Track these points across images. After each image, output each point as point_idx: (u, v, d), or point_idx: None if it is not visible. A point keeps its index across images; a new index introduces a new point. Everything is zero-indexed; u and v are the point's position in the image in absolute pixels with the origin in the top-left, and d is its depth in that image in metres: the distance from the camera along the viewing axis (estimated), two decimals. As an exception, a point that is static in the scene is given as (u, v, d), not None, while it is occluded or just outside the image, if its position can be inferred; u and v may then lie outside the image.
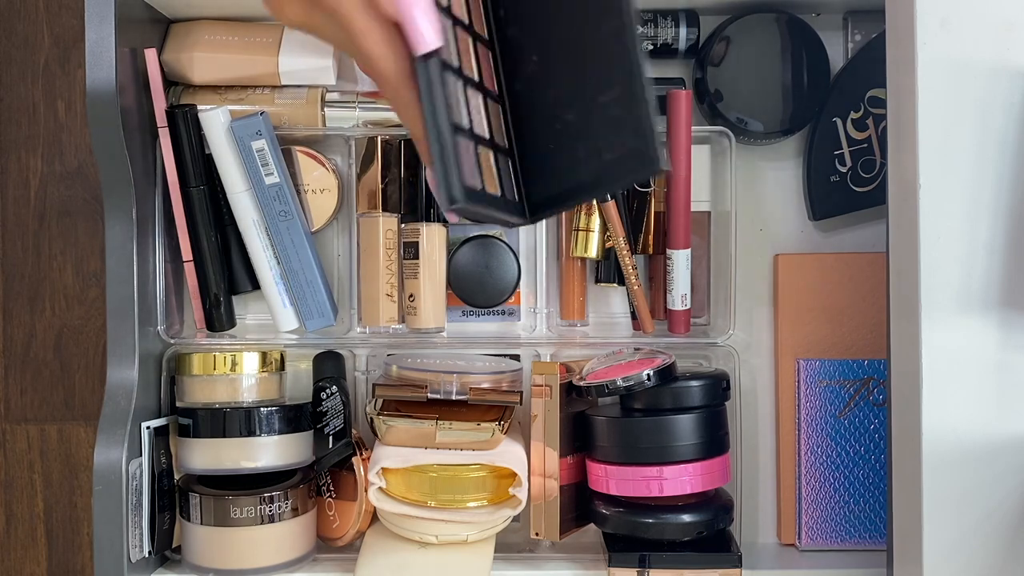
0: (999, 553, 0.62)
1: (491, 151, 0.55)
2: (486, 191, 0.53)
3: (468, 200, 0.50)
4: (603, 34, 0.54)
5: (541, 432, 0.76)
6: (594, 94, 0.54)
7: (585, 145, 0.55)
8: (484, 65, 0.56)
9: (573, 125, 0.55)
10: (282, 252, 0.77)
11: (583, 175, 0.55)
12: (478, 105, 0.55)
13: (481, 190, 0.52)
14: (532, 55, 0.57)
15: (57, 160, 0.90)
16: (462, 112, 0.52)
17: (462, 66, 0.54)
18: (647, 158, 0.52)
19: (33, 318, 0.91)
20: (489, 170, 0.54)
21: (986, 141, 0.61)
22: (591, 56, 0.54)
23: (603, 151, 0.54)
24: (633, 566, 0.74)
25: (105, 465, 0.71)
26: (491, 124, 0.55)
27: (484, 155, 0.54)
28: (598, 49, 0.54)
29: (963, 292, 0.62)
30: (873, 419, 0.79)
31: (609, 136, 0.53)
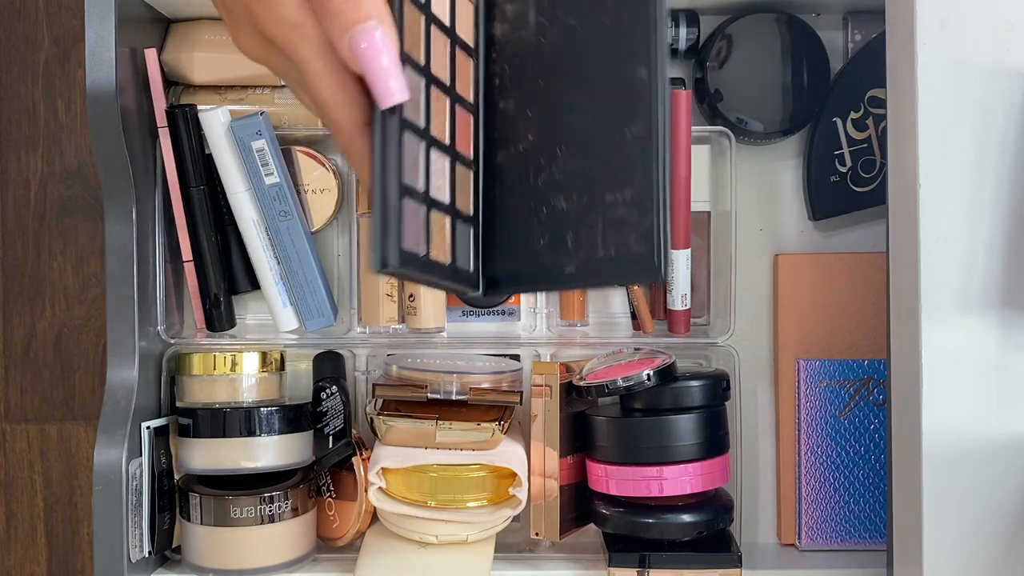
0: (999, 553, 0.62)
1: (448, 217, 0.53)
2: (430, 258, 0.50)
3: (402, 265, 0.48)
4: (626, 136, 0.52)
5: (541, 432, 0.76)
6: (601, 190, 0.52)
7: (575, 235, 0.52)
8: (461, 129, 0.54)
9: (565, 213, 0.53)
10: (282, 252, 0.77)
11: (564, 264, 0.52)
12: (443, 168, 0.53)
13: (424, 256, 0.50)
14: (528, 134, 0.55)
15: (57, 160, 0.90)
16: (418, 174, 0.51)
17: (430, 127, 0.52)
18: (650, 266, 0.49)
19: (33, 318, 0.91)
20: (441, 237, 0.52)
21: (986, 141, 0.61)
22: (606, 153, 0.52)
23: (597, 247, 0.51)
24: (633, 566, 0.74)
25: (105, 465, 0.71)
26: (455, 189, 0.53)
27: (438, 221, 0.52)
28: (616, 148, 0.52)
29: (963, 292, 0.61)
30: (873, 419, 0.79)
31: (609, 233, 0.51)
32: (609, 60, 0.53)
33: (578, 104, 0.54)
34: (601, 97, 0.53)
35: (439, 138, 0.53)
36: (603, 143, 0.52)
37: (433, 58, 0.53)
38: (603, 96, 0.53)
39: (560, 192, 0.53)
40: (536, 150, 0.54)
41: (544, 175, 0.54)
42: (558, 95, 0.54)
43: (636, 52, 0.52)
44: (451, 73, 0.54)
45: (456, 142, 0.54)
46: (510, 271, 0.55)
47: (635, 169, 0.51)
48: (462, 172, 0.54)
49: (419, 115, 0.51)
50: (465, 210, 0.54)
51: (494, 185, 0.55)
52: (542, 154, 0.54)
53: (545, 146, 0.54)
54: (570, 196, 0.53)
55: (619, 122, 0.52)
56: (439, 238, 0.52)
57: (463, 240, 0.54)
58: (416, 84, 0.51)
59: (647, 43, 0.52)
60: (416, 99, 0.51)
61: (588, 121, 0.53)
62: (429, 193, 0.51)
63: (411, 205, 0.50)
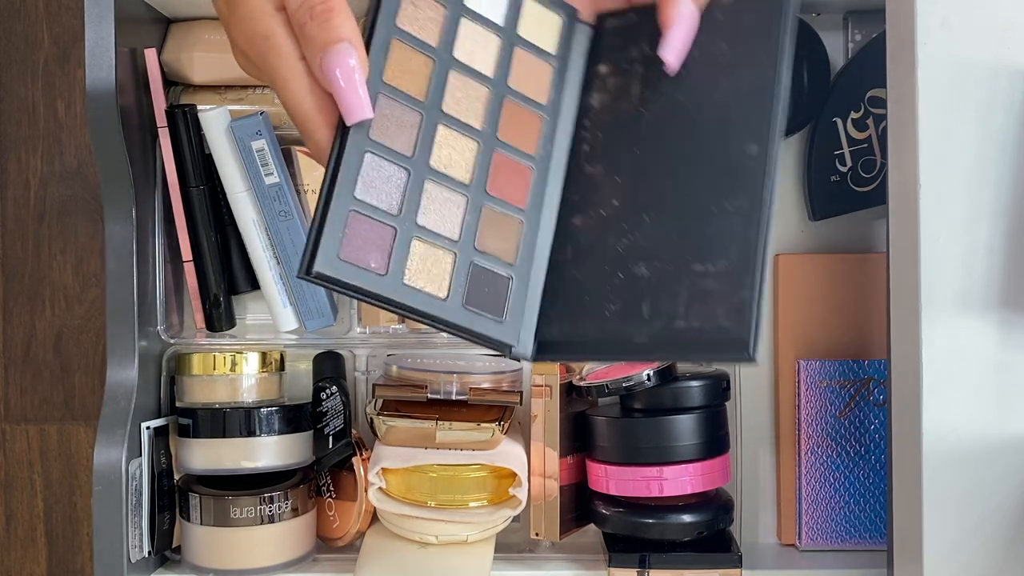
0: (999, 553, 0.62)
1: (452, 253, 0.52)
2: (405, 282, 0.50)
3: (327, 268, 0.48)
4: (725, 208, 0.50)
5: (541, 432, 0.76)
6: (690, 259, 0.50)
7: (653, 303, 0.50)
8: (504, 178, 0.54)
9: (644, 280, 0.51)
10: (282, 252, 0.77)
11: (635, 333, 0.50)
12: (446, 202, 0.52)
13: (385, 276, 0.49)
14: (613, 199, 0.54)
15: (57, 160, 0.90)
16: (387, 195, 0.50)
17: (426, 158, 0.52)
18: (737, 343, 0.47)
19: (33, 318, 0.91)
20: (433, 269, 0.51)
21: (986, 141, 0.61)
22: (700, 223, 0.51)
23: (677, 317, 0.49)
24: (633, 566, 0.74)
25: (105, 465, 0.71)
26: (481, 232, 0.53)
27: (427, 251, 0.51)
28: (712, 220, 0.50)
29: (963, 292, 0.61)
30: (873, 419, 0.79)
31: (694, 304, 0.48)
32: (715, 134, 0.52)
33: (674, 174, 0.53)
34: (701, 169, 0.52)
35: (445, 172, 0.53)
36: (698, 213, 0.51)
37: (448, 100, 0.53)
38: (704, 168, 0.52)
39: (642, 259, 0.51)
40: (620, 216, 0.53)
41: (626, 241, 0.52)
42: (653, 164, 0.54)
43: (749, 129, 0.51)
44: (488, 120, 0.54)
45: (489, 187, 0.54)
46: (568, 335, 0.52)
47: (732, 242, 0.49)
48: (501, 218, 0.54)
49: (407, 144, 0.52)
50: (502, 256, 0.53)
51: (565, 247, 0.54)
52: (626, 220, 0.53)
53: (631, 212, 0.53)
54: (652, 263, 0.51)
55: (719, 194, 0.51)
56: (430, 270, 0.51)
57: (496, 289, 0.53)
58: (408, 117, 0.52)
59: (764, 122, 0.51)
60: (408, 130, 0.51)
61: (683, 191, 0.52)
62: (411, 219, 0.51)
63: (364, 221, 0.50)
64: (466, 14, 0.55)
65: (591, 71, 0.57)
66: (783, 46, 0.53)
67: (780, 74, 0.52)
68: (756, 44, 0.53)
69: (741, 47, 0.53)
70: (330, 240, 0.48)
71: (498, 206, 0.54)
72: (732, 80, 0.53)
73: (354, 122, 0.46)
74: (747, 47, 0.53)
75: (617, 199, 0.54)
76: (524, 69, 0.56)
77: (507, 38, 0.56)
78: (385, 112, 0.51)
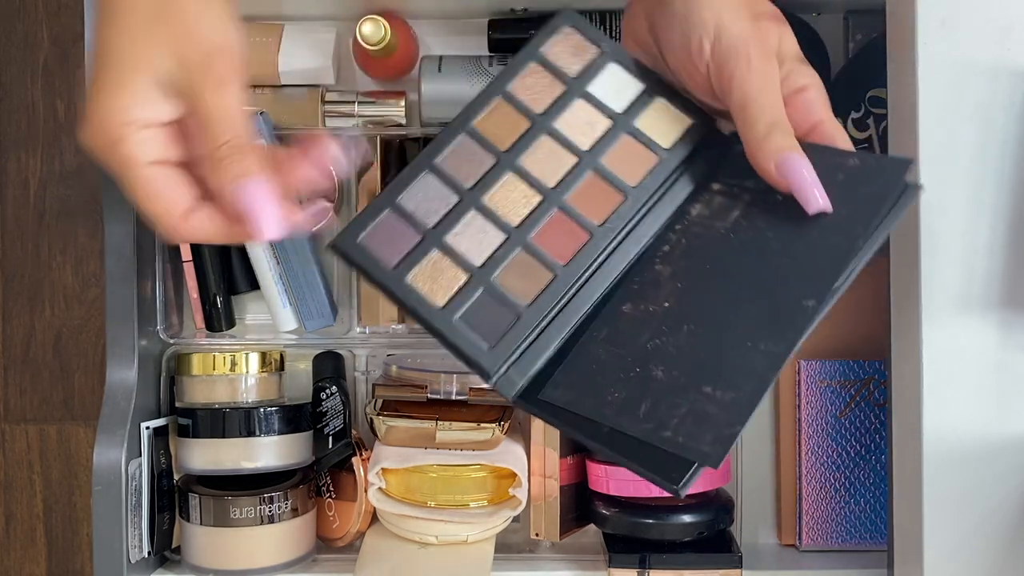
0: (1000, 553, 0.62)
1: (466, 274, 0.56)
2: (407, 281, 0.55)
3: (349, 253, 0.56)
4: (758, 346, 0.53)
5: (541, 432, 0.76)
6: (703, 380, 0.52)
7: (653, 405, 0.52)
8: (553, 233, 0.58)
9: (655, 382, 0.53)
10: (282, 252, 0.77)
11: (625, 424, 0.52)
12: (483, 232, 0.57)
13: (393, 270, 0.55)
14: (666, 300, 0.56)
15: (57, 160, 0.90)
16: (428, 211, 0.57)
17: (481, 194, 0.58)
18: (705, 462, 0.49)
19: (33, 318, 0.91)
20: (444, 281, 0.56)
21: (986, 141, 0.61)
22: (728, 351, 0.53)
23: (667, 427, 0.51)
24: (633, 567, 0.73)
25: (105, 465, 0.71)
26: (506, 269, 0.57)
27: (445, 266, 0.56)
28: (741, 352, 0.53)
29: (963, 292, 0.61)
30: (873, 419, 0.79)
31: (687, 421, 0.51)
32: (784, 278, 0.54)
33: (730, 299, 0.55)
34: (757, 304, 0.54)
35: (495, 211, 0.58)
36: (733, 342, 0.53)
37: (529, 157, 0.59)
38: (759, 304, 0.54)
39: (663, 363, 0.54)
40: (664, 317, 0.56)
41: (657, 341, 0.55)
42: (717, 284, 0.56)
43: (814, 284, 0.53)
44: (563, 183, 0.58)
45: (535, 236, 0.57)
46: (565, 403, 0.54)
47: (749, 377, 0.51)
48: (533, 265, 0.57)
49: (469, 177, 0.58)
50: (518, 295, 0.56)
51: (604, 327, 0.57)
52: (667, 323, 0.55)
53: (675, 318, 0.55)
54: (671, 371, 0.53)
55: (759, 332, 0.53)
56: (437, 279, 0.56)
57: (498, 320, 0.56)
58: (481, 158, 0.58)
59: (830, 283, 0.53)
60: (476, 167, 0.58)
61: (731, 318, 0.54)
62: (440, 235, 0.57)
63: (397, 222, 0.56)
64: (584, 97, 0.60)
65: (703, 184, 0.60)
66: (882, 227, 0.55)
67: (867, 248, 0.54)
68: (860, 213, 0.55)
69: (845, 210, 0.55)
70: (358, 226, 0.56)
71: (535, 254, 0.57)
72: (822, 235, 0.55)
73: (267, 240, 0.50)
74: (850, 212, 0.55)
75: (669, 302, 0.56)
76: (625, 152, 0.60)
77: (620, 124, 0.60)
78: (462, 148, 0.58)
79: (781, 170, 0.55)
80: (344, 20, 0.81)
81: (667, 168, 0.60)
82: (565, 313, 0.57)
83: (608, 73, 0.61)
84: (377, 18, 0.74)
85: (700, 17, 0.56)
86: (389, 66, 0.79)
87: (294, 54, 0.78)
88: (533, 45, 0.61)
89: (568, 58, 0.61)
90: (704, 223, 0.58)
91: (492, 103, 0.59)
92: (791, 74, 0.57)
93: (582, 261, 0.57)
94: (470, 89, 0.77)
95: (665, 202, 0.59)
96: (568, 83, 0.60)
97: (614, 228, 0.58)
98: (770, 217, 0.56)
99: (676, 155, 0.60)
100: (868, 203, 0.55)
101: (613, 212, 0.58)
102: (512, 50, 0.79)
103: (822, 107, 0.58)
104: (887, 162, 0.57)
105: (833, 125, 0.58)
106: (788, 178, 0.55)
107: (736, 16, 0.56)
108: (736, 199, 0.58)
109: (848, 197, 0.55)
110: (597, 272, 0.58)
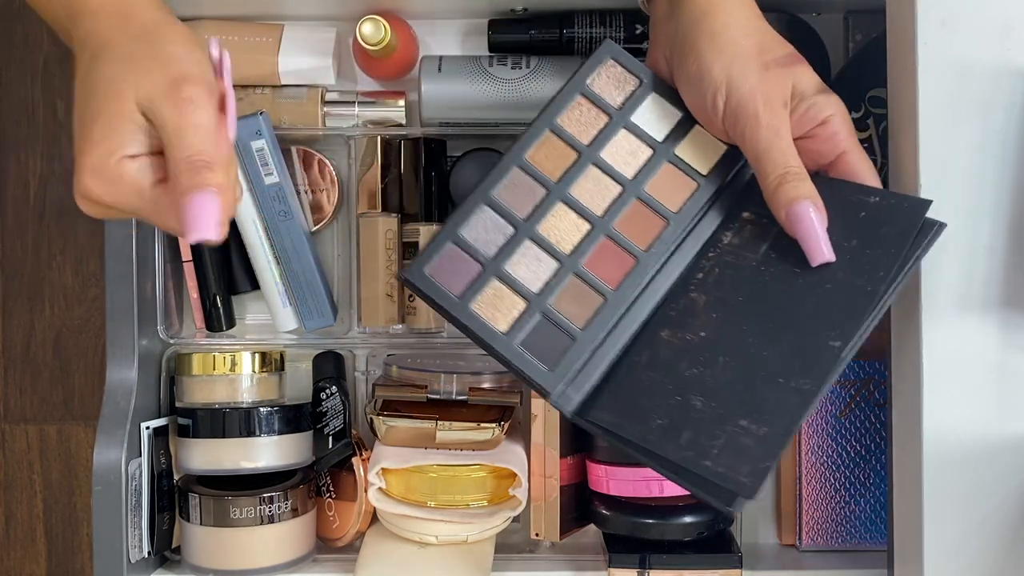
0: (1000, 553, 0.62)
1: (525, 302, 0.61)
2: (470, 306, 0.61)
3: (417, 284, 0.61)
4: (789, 383, 0.55)
5: (541, 432, 0.76)
6: (740, 412, 0.55)
7: (694, 435, 0.56)
8: (603, 259, 0.62)
9: (695, 411, 0.57)
10: (282, 252, 0.77)
11: (668, 451, 0.56)
12: (538, 261, 0.62)
13: (458, 298, 0.61)
14: (702, 330, 0.60)
15: (57, 160, 0.90)
16: (487, 244, 0.61)
17: (535, 224, 0.62)
18: (744, 494, 0.53)
19: (33, 318, 0.91)
20: (504, 308, 0.61)
21: (986, 141, 0.61)
22: (762, 386, 0.56)
23: (707, 456, 0.55)
24: (633, 567, 0.73)
25: (105, 465, 0.71)
26: (562, 295, 0.61)
27: (504, 294, 0.61)
28: (774, 387, 0.56)
29: (963, 292, 0.61)
30: (873, 419, 0.79)
31: (726, 452, 0.54)
32: (812, 317, 0.57)
33: (763, 336, 0.58)
34: (786, 341, 0.57)
35: (548, 240, 0.62)
36: (765, 378, 0.56)
37: (577, 187, 0.63)
38: (789, 342, 0.57)
39: (702, 393, 0.57)
40: (701, 348, 0.59)
41: (696, 371, 0.58)
42: (750, 319, 0.59)
43: (841, 325, 0.56)
44: (610, 212, 0.62)
45: (586, 263, 0.62)
46: (612, 426, 0.59)
47: (782, 414, 0.54)
48: (585, 291, 0.62)
49: (524, 208, 0.62)
50: (572, 319, 0.61)
51: (645, 351, 0.61)
52: (704, 354, 0.59)
53: (711, 350, 0.59)
54: (709, 401, 0.57)
55: (790, 369, 0.56)
56: (499, 307, 0.61)
57: (555, 343, 0.61)
58: (535, 190, 0.62)
59: (857, 325, 0.56)
60: (530, 198, 0.62)
61: (763, 353, 0.57)
62: (499, 265, 0.61)
63: (459, 254, 0.61)
64: (627, 127, 0.64)
65: (734, 211, 0.63)
66: (906, 270, 0.57)
67: (889, 290, 0.57)
68: (882, 253, 0.57)
69: (868, 251, 0.58)
70: (425, 258, 0.62)
71: (586, 280, 0.62)
72: (848, 275, 0.57)
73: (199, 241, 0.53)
74: (874, 253, 0.58)
75: (705, 332, 0.59)
76: (666, 179, 0.63)
77: (661, 153, 0.63)
78: (515, 181, 0.63)
79: (789, 219, 0.58)
80: (344, 20, 0.81)
81: (705, 194, 0.63)
82: (614, 335, 0.61)
83: (648, 103, 0.65)
84: (377, 18, 0.74)
85: (711, 76, 0.60)
86: (389, 66, 0.79)
87: (294, 54, 0.78)
88: (579, 78, 0.65)
89: (611, 90, 0.65)
90: (736, 252, 0.61)
91: (542, 136, 0.63)
92: (811, 108, 0.60)
93: (629, 285, 0.62)
94: (470, 89, 0.77)
95: (701, 227, 0.63)
96: (612, 114, 0.64)
97: (658, 253, 0.62)
98: (798, 253, 0.59)
99: (713, 181, 0.63)
100: (890, 245, 0.57)
101: (656, 238, 0.62)
102: (512, 50, 0.79)
103: (846, 137, 0.60)
104: (908, 201, 0.59)
105: (857, 155, 0.61)
106: (795, 228, 0.58)
107: (745, 71, 0.59)
108: (765, 230, 0.61)
109: (870, 237, 0.58)
110: (641, 296, 0.62)
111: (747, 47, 0.60)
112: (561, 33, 0.78)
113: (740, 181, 0.64)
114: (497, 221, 0.62)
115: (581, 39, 0.78)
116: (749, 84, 0.59)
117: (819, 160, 0.61)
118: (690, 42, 0.61)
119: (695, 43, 0.60)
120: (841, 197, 0.59)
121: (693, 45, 0.60)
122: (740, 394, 0.56)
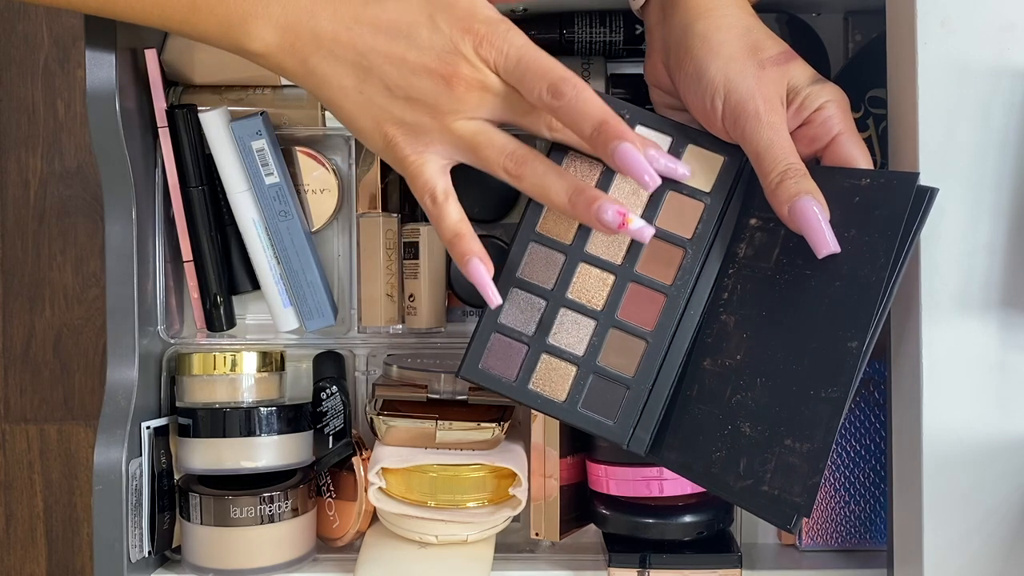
0: (1000, 553, 0.62)
1: (575, 367, 0.63)
2: (529, 387, 0.63)
3: (475, 378, 0.64)
4: (821, 394, 0.57)
5: (541, 432, 0.76)
6: (784, 432, 0.57)
7: (748, 463, 0.58)
8: (636, 304, 0.63)
9: (746, 438, 0.59)
10: (282, 252, 0.77)
11: (732, 482, 0.59)
12: (577, 324, 0.63)
13: (513, 382, 0.63)
14: (738, 353, 0.61)
15: (57, 160, 0.90)
16: (525, 321, 0.63)
17: (565, 290, 0.63)
18: (798, 516, 0.56)
19: (33, 318, 0.91)
20: (557, 378, 0.63)
21: (986, 141, 0.61)
22: (798, 402, 0.57)
23: (764, 481, 0.57)
24: (633, 566, 0.73)
25: (105, 465, 0.71)
26: (605, 351, 0.63)
27: (554, 365, 0.63)
28: (809, 401, 0.57)
29: (963, 292, 0.61)
30: (873, 419, 0.79)
31: (778, 475, 0.57)
32: (827, 320, 0.58)
33: (789, 348, 0.59)
34: (810, 349, 0.58)
35: (579, 302, 0.63)
36: (799, 393, 0.58)
37: (592, 243, 0.63)
38: (812, 349, 0.58)
39: (748, 419, 0.59)
40: (740, 372, 0.60)
41: (739, 397, 0.60)
42: (775, 332, 0.60)
43: (854, 324, 0.57)
44: (629, 257, 0.63)
45: (620, 313, 0.63)
46: (678, 466, 0.62)
47: (818, 427, 0.56)
48: (626, 339, 0.63)
49: (549, 279, 0.64)
50: (622, 370, 0.63)
51: (693, 385, 0.62)
52: (744, 377, 0.60)
53: (748, 371, 0.60)
54: (756, 426, 0.59)
55: (818, 380, 0.57)
56: (553, 378, 0.63)
57: (613, 396, 0.63)
58: (554, 258, 0.63)
59: (867, 320, 0.56)
60: (552, 267, 0.64)
61: (793, 367, 0.58)
62: (542, 339, 0.63)
63: (503, 341, 0.63)
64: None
65: (742, 221, 0.63)
66: (903, 251, 0.57)
67: (893, 276, 0.57)
68: (880, 238, 0.57)
69: (867, 238, 0.58)
70: (475, 353, 0.64)
71: (625, 329, 0.63)
72: (851, 268, 0.58)
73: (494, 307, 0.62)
74: (872, 240, 0.58)
75: (740, 354, 0.61)
76: (674, 207, 0.64)
77: (662, 183, 0.62)
78: (533, 255, 0.64)
79: (792, 215, 0.58)
80: (344, 20, 0.81)
81: (714, 212, 0.63)
82: (664, 372, 0.63)
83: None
84: (377, 18, 0.74)
85: (709, 78, 0.60)
86: (389, 66, 0.79)
87: (294, 54, 0.78)
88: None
89: None
90: (752, 265, 0.62)
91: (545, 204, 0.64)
92: (807, 98, 0.61)
93: (665, 321, 0.63)
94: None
95: (717, 245, 0.63)
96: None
97: (684, 283, 0.63)
98: (806, 251, 0.59)
99: (718, 196, 0.63)
100: (886, 228, 0.57)
101: (679, 268, 0.63)
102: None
103: (840, 121, 0.61)
104: (896, 178, 0.59)
105: (849, 137, 0.61)
106: (798, 223, 0.59)
107: (742, 71, 0.60)
108: (774, 234, 0.61)
109: (866, 223, 0.58)
110: (679, 328, 0.63)
111: (741, 47, 0.60)
112: (561, 34, 0.78)
113: (742, 188, 0.63)
114: (529, 299, 0.64)
115: (581, 40, 0.78)
116: (747, 84, 0.59)
117: (814, 145, 0.61)
118: (684, 46, 0.61)
119: (689, 46, 0.61)
120: (836, 185, 0.59)
121: (688, 49, 0.61)
122: (781, 414, 0.58)
